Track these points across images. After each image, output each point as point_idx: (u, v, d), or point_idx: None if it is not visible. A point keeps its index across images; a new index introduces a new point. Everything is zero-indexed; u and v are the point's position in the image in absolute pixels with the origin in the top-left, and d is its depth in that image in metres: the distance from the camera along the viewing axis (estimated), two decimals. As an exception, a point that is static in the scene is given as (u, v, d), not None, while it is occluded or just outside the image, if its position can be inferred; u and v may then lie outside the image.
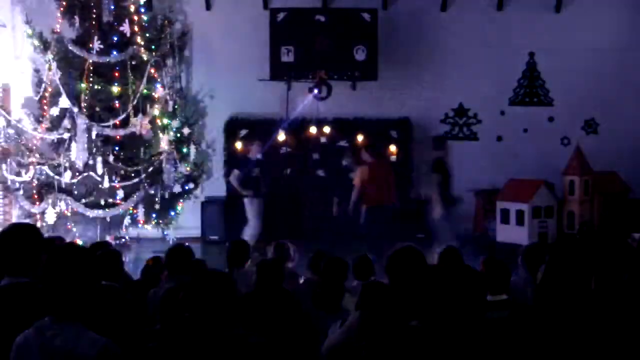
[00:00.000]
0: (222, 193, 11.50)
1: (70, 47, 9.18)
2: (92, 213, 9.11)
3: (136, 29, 9.58)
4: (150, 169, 9.40)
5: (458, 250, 4.98)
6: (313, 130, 11.26)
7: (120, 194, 9.18)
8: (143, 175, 9.34)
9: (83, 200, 9.09)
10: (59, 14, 9.38)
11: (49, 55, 9.18)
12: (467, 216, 11.54)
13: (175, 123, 10.26)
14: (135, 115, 9.24)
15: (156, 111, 9.66)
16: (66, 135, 9.14)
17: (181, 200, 10.24)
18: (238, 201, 10.48)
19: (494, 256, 4.64)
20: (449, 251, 4.95)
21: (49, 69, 9.19)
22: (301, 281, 5.47)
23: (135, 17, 9.70)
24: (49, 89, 9.21)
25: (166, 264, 4.68)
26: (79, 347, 2.45)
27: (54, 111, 9.25)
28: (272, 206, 11.45)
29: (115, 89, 9.30)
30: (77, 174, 9.07)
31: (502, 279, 4.18)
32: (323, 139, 11.44)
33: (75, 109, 9.02)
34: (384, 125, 11.52)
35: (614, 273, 3.54)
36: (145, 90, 9.47)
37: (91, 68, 9.18)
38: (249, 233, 9.86)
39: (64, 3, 9.38)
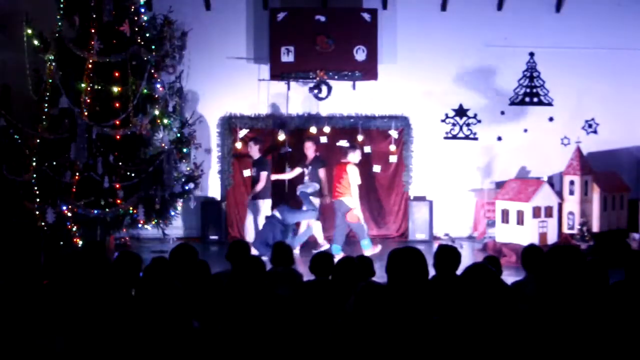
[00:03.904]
0: (222, 193, 11.53)
1: (70, 47, 9.17)
2: (92, 213, 9.10)
3: (136, 29, 9.57)
4: (150, 169, 9.38)
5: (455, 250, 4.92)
6: (313, 130, 11.27)
7: (120, 194, 9.17)
8: (143, 175, 9.32)
9: (83, 200, 9.07)
10: (59, 14, 9.38)
11: (49, 55, 9.18)
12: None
13: (176, 123, 10.26)
14: (135, 115, 9.23)
15: (156, 111, 9.66)
16: (66, 135, 9.14)
17: (181, 200, 10.24)
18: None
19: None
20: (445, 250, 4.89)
21: (49, 69, 9.19)
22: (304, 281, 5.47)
23: (135, 17, 9.69)
24: (49, 89, 9.20)
25: (170, 263, 4.66)
26: None
27: (54, 111, 9.25)
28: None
29: (115, 89, 9.29)
30: (77, 174, 9.06)
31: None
32: (323, 139, 11.44)
33: (76, 109, 9.01)
34: (384, 125, 11.53)
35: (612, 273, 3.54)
36: (145, 90, 9.47)
37: (91, 68, 9.18)
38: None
39: (64, 3, 9.37)
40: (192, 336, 2.95)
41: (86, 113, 9.04)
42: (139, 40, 9.47)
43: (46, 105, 9.26)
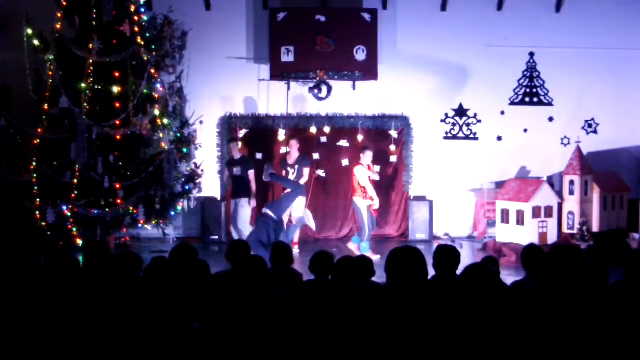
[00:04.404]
0: (222, 193, 11.52)
1: (70, 47, 9.17)
2: (92, 213, 9.10)
3: (136, 29, 9.58)
4: (150, 169, 9.39)
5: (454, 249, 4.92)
6: (313, 130, 11.27)
7: (120, 194, 9.18)
8: (143, 175, 9.33)
9: (83, 200, 9.08)
10: (59, 14, 9.38)
11: (49, 55, 9.18)
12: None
13: (176, 123, 10.27)
14: (135, 115, 9.23)
15: (156, 111, 9.66)
16: (66, 135, 9.14)
17: (181, 200, 10.24)
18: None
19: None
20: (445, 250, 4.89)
21: (49, 69, 9.20)
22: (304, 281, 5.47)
23: (135, 17, 9.70)
24: (49, 89, 9.21)
25: (170, 263, 4.66)
26: None
27: (54, 111, 9.25)
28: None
29: (115, 89, 9.30)
30: (77, 174, 9.07)
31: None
32: (323, 139, 11.44)
33: (76, 109, 9.02)
34: (384, 125, 11.53)
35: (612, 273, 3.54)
36: (145, 90, 9.47)
37: (91, 68, 9.18)
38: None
39: (64, 3, 9.38)
40: (192, 337, 2.96)
41: (86, 113, 9.04)
42: (139, 40, 9.47)
43: (46, 105, 9.26)
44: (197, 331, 3.07)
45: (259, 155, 11.59)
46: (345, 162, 11.35)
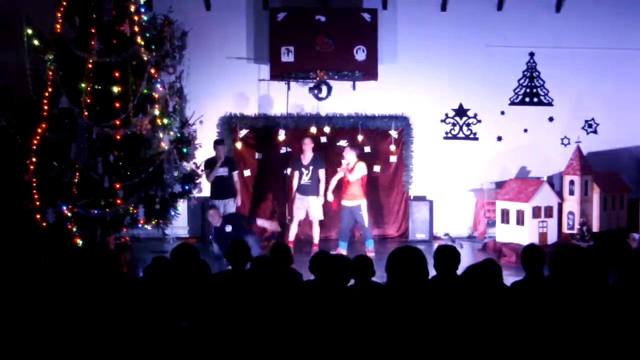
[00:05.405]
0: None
1: (70, 47, 9.17)
2: (92, 213, 9.10)
3: (136, 29, 9.58)
4: (151, 169, 9.39)
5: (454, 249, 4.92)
6: (313, 130, 11.27)
7: (120, 194, 9.18)
8: (143, 175, 9.33)
9: (83, 200, 9.08)
10: (59, 14, 9.38)
11: (49, 55, 9.18)
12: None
13: (176, 123, 10.26)
14: (135, 115, 9.23)
15: (156, 111, 9.66)
16: (66, 135, 9.14)
17: (181, 200, 10.24)
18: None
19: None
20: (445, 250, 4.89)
21: (49, 69, 9.19)
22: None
23: (135, 17, 9.69)
24: (49, 89, 9.21)
25: (171, 263, 4.65)
26: None
27: (54, 111, 9.25)
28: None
29: (115, 89, 9.29)
30: (77, 174, 9.07)
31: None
32: (323, 139, 11.44)
33: (76, 109, 9.02)
34: (384, 125, 11.53)
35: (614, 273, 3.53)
36: (145, 90, 9.47)
37: (91, 68, 9.18)
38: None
39: (64, 3, 9.38)
40: (180, 336, 2.96)
41: (86, 113, 9.04)
42: (139, 40, 9.47)
43: (46, 105, 9.26)
44: (186, 330, 3.07)
45: (258, 156, 11.59)
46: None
